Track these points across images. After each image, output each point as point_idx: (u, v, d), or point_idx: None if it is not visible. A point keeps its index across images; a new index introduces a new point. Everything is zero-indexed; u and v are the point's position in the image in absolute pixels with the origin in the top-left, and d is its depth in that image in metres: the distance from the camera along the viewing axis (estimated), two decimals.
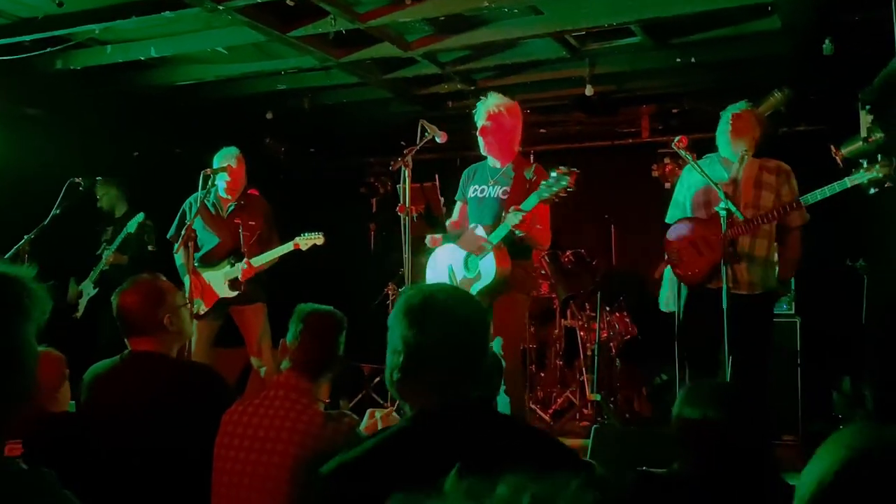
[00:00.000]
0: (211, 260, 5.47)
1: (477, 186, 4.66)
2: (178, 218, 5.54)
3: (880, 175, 3.75)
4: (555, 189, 4.06)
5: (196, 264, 5.36)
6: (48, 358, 2.82)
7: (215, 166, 5.31)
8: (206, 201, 5.45)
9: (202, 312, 5.40)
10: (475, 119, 4.61)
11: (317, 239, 5.33)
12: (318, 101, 7.39)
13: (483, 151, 4.63)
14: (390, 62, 6.44)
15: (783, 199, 4.18)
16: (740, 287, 4.16)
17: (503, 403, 4.17)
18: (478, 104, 4.63)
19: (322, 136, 8.69)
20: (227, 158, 5.37)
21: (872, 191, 3.87)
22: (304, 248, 5.35)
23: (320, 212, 6.10)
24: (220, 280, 5.41)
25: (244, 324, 5.53)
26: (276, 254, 5.37)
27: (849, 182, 3.83)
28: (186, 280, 5.18)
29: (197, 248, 5.40)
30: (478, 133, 4.60)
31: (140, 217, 5.87)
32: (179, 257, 5.43)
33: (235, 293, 5.37)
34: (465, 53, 6.29)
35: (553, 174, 4.12)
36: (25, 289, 1.43)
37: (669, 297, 4.62)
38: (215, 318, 5.50)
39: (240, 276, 5.30)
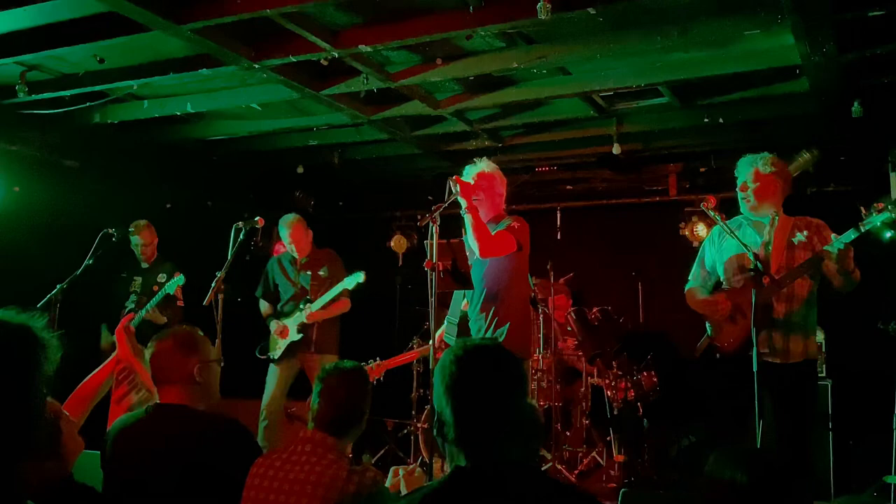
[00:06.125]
0: (288, 308, 6.07)
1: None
2: (262, 278, 6.29)
3: (894, 215, 3.52)
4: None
5: (283, 312, 6.10)
6: None
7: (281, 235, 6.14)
8: (282, 259, 6.24)
9: (277, 356, 5.95)
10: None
11: (358, 277, 5.94)
12: (347, 156, 7.51)
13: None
14: (420, 119, 6.55)
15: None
16: (776, 355, 3.93)
17: None
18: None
19: (351, 190, 8.81)
20: (283, 225, 6.09)
21: (889, 234, 3.71)
22: (350, 287, 5.93)
23: (347, 264, 6.17)
24: (292, 325, 5.96)
25: (310, 373, 5.88)
26: (329, 296, 5.89)
27: (862, 227, 3.61)
28: (271, 325, 6.01)
29: (279, 300, 6.14)
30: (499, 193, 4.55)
31: (181, 280, 5.97)
32: (263, 308, 6.24)
33: (300, 336, 5.89)
34: (494, 111, 6.39)
35: None
36: (35, 338, 1.40)
37: None
38: (290, 364, 5.96)
39: (305, 319, 5.88)
